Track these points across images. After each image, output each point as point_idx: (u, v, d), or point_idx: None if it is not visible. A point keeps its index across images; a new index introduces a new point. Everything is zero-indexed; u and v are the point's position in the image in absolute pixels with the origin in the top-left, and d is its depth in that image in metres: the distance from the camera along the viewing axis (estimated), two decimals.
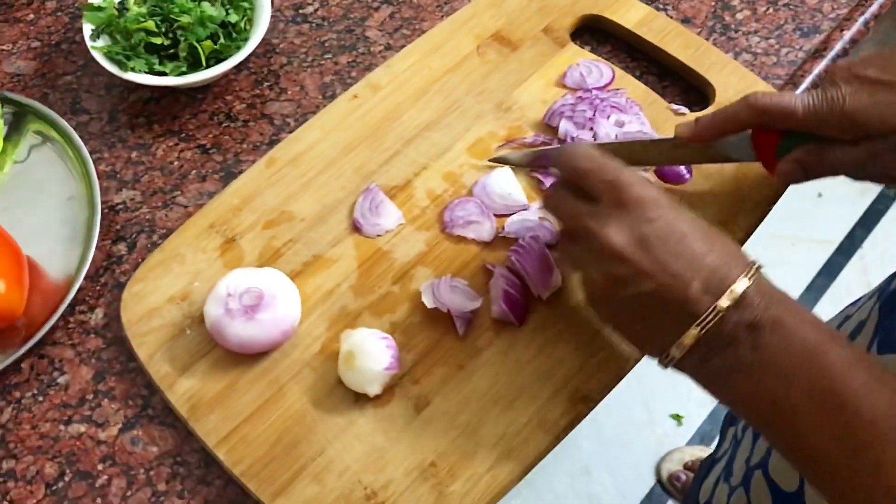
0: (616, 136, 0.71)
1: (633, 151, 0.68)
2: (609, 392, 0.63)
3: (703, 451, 1.72)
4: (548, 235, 0.67)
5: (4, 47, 0.82)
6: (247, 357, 0.64)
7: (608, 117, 0.72)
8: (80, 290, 0.68)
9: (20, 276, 0.66)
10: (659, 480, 1.71)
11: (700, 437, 1.77)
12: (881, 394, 0.46)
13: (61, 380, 0.66)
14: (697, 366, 0.52)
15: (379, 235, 0.69)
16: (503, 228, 0.69)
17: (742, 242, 0.69)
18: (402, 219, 0.70)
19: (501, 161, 0.72)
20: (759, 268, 0.52)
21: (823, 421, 0.47)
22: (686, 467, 1.69)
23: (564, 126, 0.72)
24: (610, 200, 0.54)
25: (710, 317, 0.50)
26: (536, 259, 0.65)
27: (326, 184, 0.72)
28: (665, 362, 0.53)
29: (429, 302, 0.65)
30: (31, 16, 0.84)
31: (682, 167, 0.71)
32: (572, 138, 0.71)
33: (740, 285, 0.50)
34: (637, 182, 0.54)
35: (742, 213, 0.69)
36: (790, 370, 0.49)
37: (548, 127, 0.74)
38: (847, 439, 0.46)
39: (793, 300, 0.52)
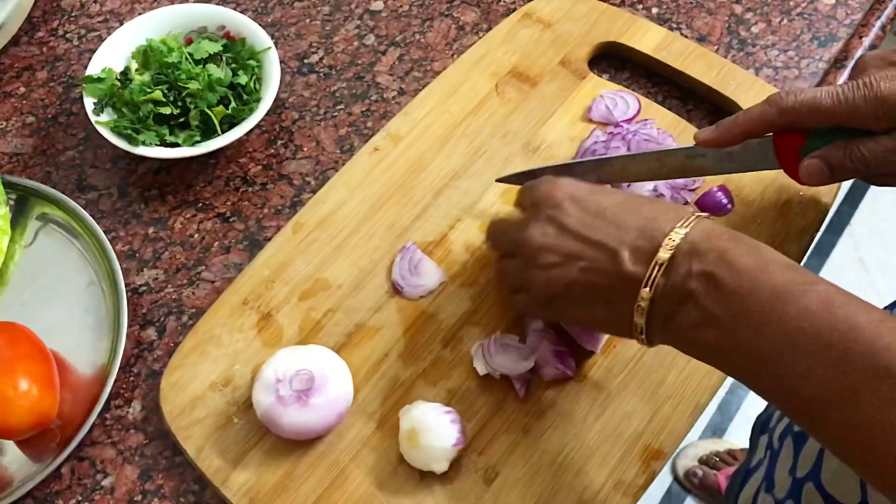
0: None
1: (647, 164, 0.66)
2: (681, 442, 0.61)
3: (717, 444, 1.71)
4: None
5: None
6: (301, 442, 0.61)
7: None
8: (112, 382, 0.64)
9: (51, 377, 0.63)
10: (675, 478, 1.70)
11: (712, 430, 1.76)
12: (870, 324, 0.43)
13: (105, 482, 0.62)
14: (665, 329, 0.51)
15: (422, 297, 0.66)
16: None
17: None
18: (443, 277, 0.67)
19: (507, 181, 0.69)
20: (697, 216, 0.51)
21: (810, 366, 0.44)
22: (701, 462, 1.69)
23: None
24: (528, 206, 0.57)
25: (655, 272, 0.50)
26: None
27: (359, 245, 0.69)
28: (639, 336, 0.52)
29: (481, 369, 0.62)
30: (22, 89, 0.80)
31: (724, 197, 0.69)
32: None
33: (676, 235, 0.50)
34: (545, 181, 0.57)
35: (789, 239, 0.68)
36: (763, 317, 0.46)
37: None
38: (840, 380, 0.42)
39: (751, 240, 0.50)
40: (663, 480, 1.71)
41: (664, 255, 0.50)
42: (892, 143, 0.55)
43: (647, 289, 0.50)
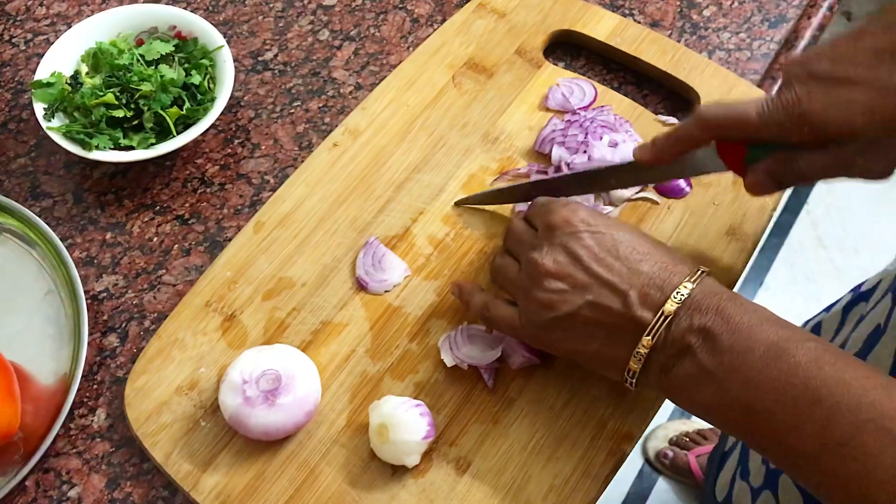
0: (611, 157, 0.69)
1: (597, 179, 0.66)
2: (649, 424, 0.62)
3: (686, 425, 1.73)
4: None
5: None
6: (271, 442, 0.60)
7: (601, 138, 0.70)
8: (75, 391, 0.63)
9: (10, 388, 0.62)
10: (647, 459, 1.72)
11: (680, 412, 1.78)
12: (857, 380, 0.45)
13: (72, 493, 0.61)
14: (660, 378, 0.52)
15: (387, 291, 0.66)
16: None
17: (753, 248, 0.68)
18: (408, 270, 0.67)
19: (465, 203, 0.70)
20: (703, 272, 0.53)
21: (800, 419, 0.45)
22: (671, 443, 1.71)
23: (557, 152, 0.70)
24: (542, 226, 0.57)
25: (659, 322, 0.51)
26: None
27: (322, 242, 0.68)
28: (628, 379, 0.53)
29: (448, 360, 0.62)
30: None
31: (682, 181, 0.69)
32: (567, 164, 0.70)
33: (684, 289, 0.51)
34: (565, 204, 0.57)
35: (747, 219, 0.69)
36: (756, 372, 0.47)
37: (539, 154, 0.72)
38: (828, 434, 0.44)
39: (747, 300, 0.51)
40: (634, 462, 1.73)
41: (671, 307, 0.51)
42: (826, 159, 0.53)
43: (650, 338, 0.51)
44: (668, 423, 1.74)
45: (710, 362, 0.49)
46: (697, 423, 1.72)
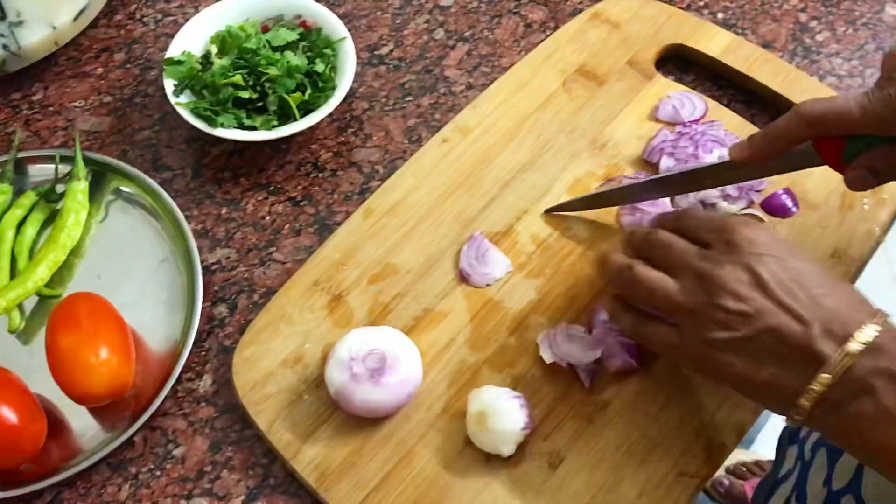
0: None
1: (693, 179, 0.66)
2: (743, 437, 0.62)
3: (744, 455, 1.71)
4: None
5: (77, 104, 0.79)
6: (370, 420, 0.62)
7: (710, 152, 0.71)
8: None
9: (128, 347, 0.65)
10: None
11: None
12: None
13: (177, 452, 0.64)
14: (828, 416, 0.50)
15: (488, 285, 0.68)
16: None
17: (857, 274, 0.68)
18: (510, 266, 0.68)
19: (557, 210, 0.70)
20: (886, 316, 0.51)
21: None
22: (728, 472, 1.69)
23: (666, 162, 0.71)
24: (721, 243, 0.55)
25: (841, 360, 0.49)
26: None
27: (427, 233, 0.70)
28: (793, 414, 0.51)
29: (547, 357, 0.63)
30: (100, 69, 0.82)
31: (789, 200, 0.70)
32: None
33: (870, 330, 0.49)
34: (745, 223, 0.55)
35: (854, 243, 0.69)
36: None
37: (647, 163, 0.73)
38: None
39: None
40: None
41: (855, 347, 0.49)
42: None
43: (829, 375, 0.49)
44: None
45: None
46: (756, 454, 1.70)
